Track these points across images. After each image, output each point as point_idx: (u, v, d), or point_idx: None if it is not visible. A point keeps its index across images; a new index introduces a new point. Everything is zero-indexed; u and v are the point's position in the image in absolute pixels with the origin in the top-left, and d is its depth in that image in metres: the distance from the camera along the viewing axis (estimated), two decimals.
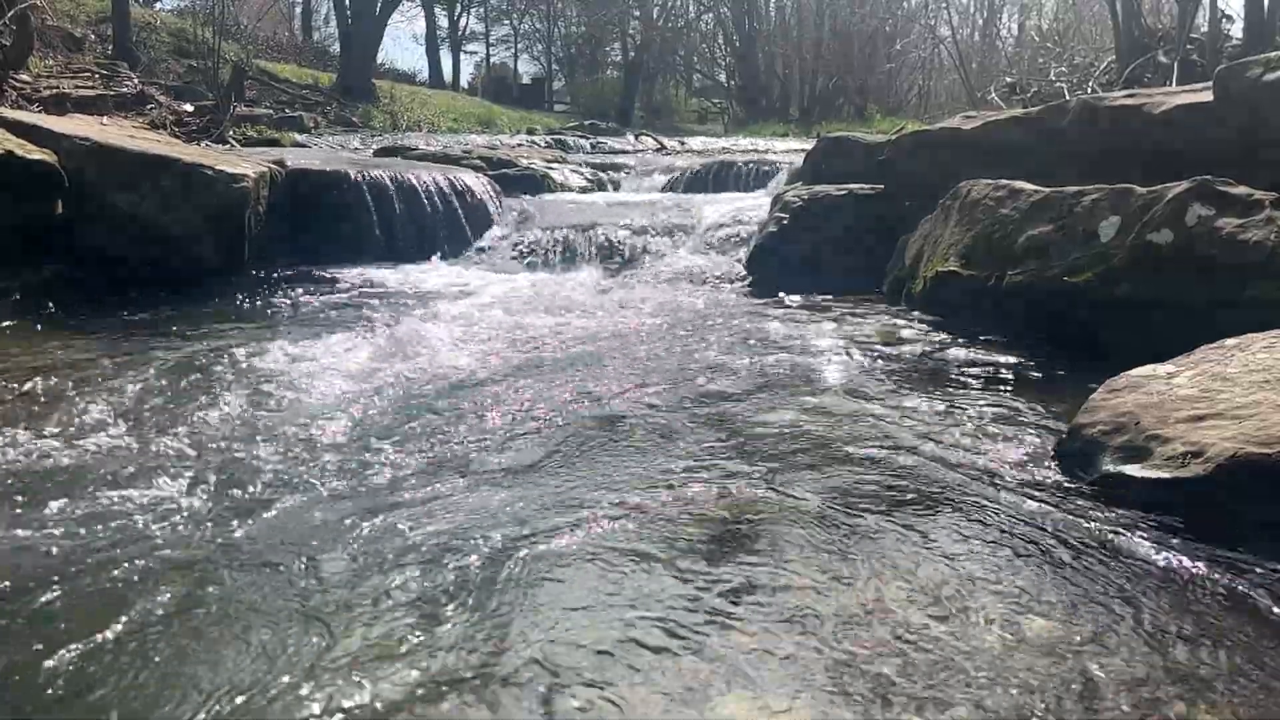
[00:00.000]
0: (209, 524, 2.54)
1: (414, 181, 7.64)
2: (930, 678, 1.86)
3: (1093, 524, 2.56)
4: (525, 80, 36.41)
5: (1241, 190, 4.04)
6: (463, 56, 37.00)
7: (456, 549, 2.38)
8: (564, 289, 6.38)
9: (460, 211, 7.79)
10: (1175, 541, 2.47)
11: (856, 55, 27.39)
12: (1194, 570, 2.32)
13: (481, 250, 7.62)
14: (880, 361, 4.30)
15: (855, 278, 6.06)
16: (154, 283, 5.82)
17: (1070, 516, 2.61)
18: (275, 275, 6.55)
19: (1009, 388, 3.88)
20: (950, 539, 2.47)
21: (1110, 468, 2.83)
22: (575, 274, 7.06)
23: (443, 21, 34.52)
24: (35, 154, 5.90)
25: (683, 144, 17.06)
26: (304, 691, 1.79)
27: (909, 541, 2.46)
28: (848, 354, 4.44)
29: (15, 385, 3.79)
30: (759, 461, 3.01)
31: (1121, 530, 2.53)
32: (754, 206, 7.93)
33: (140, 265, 6.03)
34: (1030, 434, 3.29)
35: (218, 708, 1.75)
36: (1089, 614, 2.11)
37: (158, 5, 21.70)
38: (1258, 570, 2.32)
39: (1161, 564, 2.35)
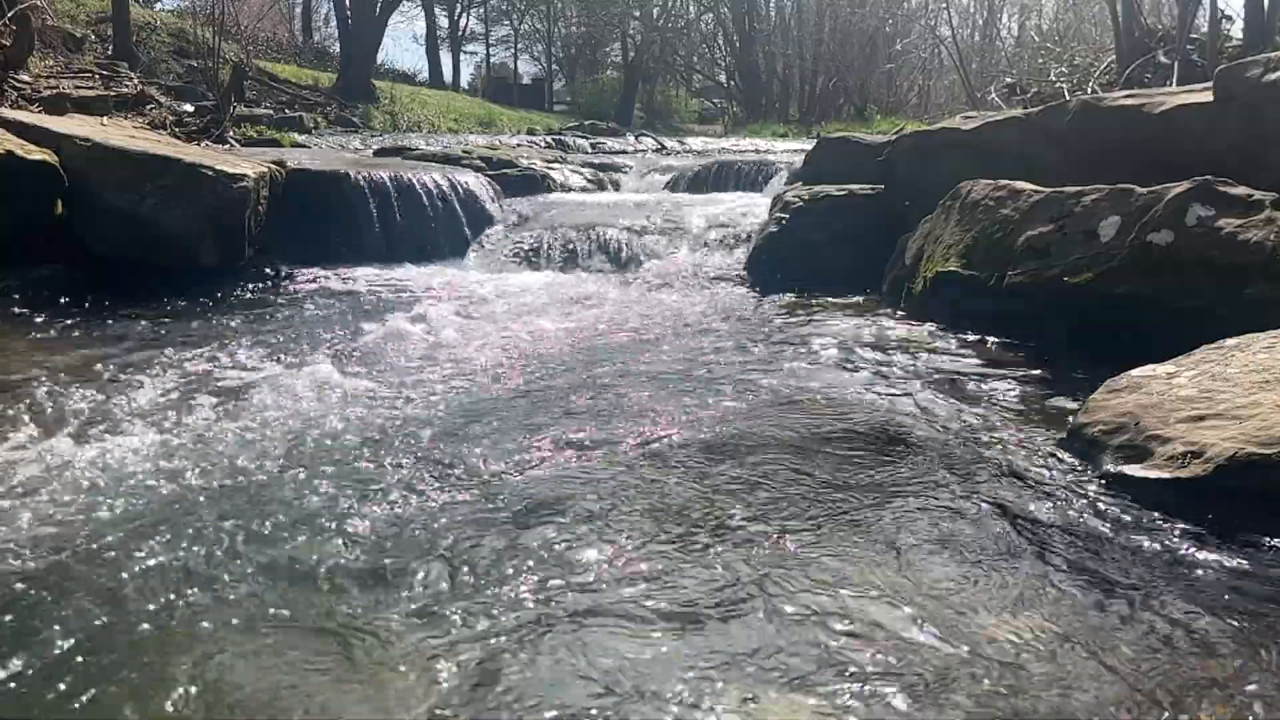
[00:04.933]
0: (209, 518, 2.54)
1: (414, 182, 7.64)
2: (929, 667, 1.86)
3: (1093, 523, 2.56)
4: (525, 81, 36.40)
5: (1241, 190, 4.04)
6: (463, 57, 36.98)
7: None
8: (564, 289, 6.38)
9: (460, 212, 7.78)
10: (1175, 541, 2.46)
11: (856, 55, 27.36)
12: (1194, 569, 2.32)
13: (481, 250, 7.62)
14: (879, 361, 4.30)
15: (855, 277, 6.05)
16: (154, 282, 5.82)
17: (1071, 516, 2.61)
18: (275, 275, 6.54)
19: (1009, 387, 3.88)
20: (951, 538, 2.47)
21: (1111, 467, 2.83)
22: (575, 274, 7.05)
23: (443, 22, 34.49)
24: (35, 154, 5.90)
25: (683, 144, 17.04)
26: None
27: (910, 540, 2.46)
28: (847, 354, 4.44)
29: (15, 383, 3.78)
30: (759, 461, 3.01)
31: (1122, 529, 2.53)
32: (754, 207, 7.93)
33: (140, 265, 6.03)
34: (1030, 434, 3.28)
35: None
36: (1088, 611, 2.11)
37: (158, 5, 21.67)
38: (1258, 569, 2.32)
39: (1162, 563, 2.35)
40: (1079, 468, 2.93)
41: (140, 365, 4.15)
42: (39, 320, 5.05)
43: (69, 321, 5.04)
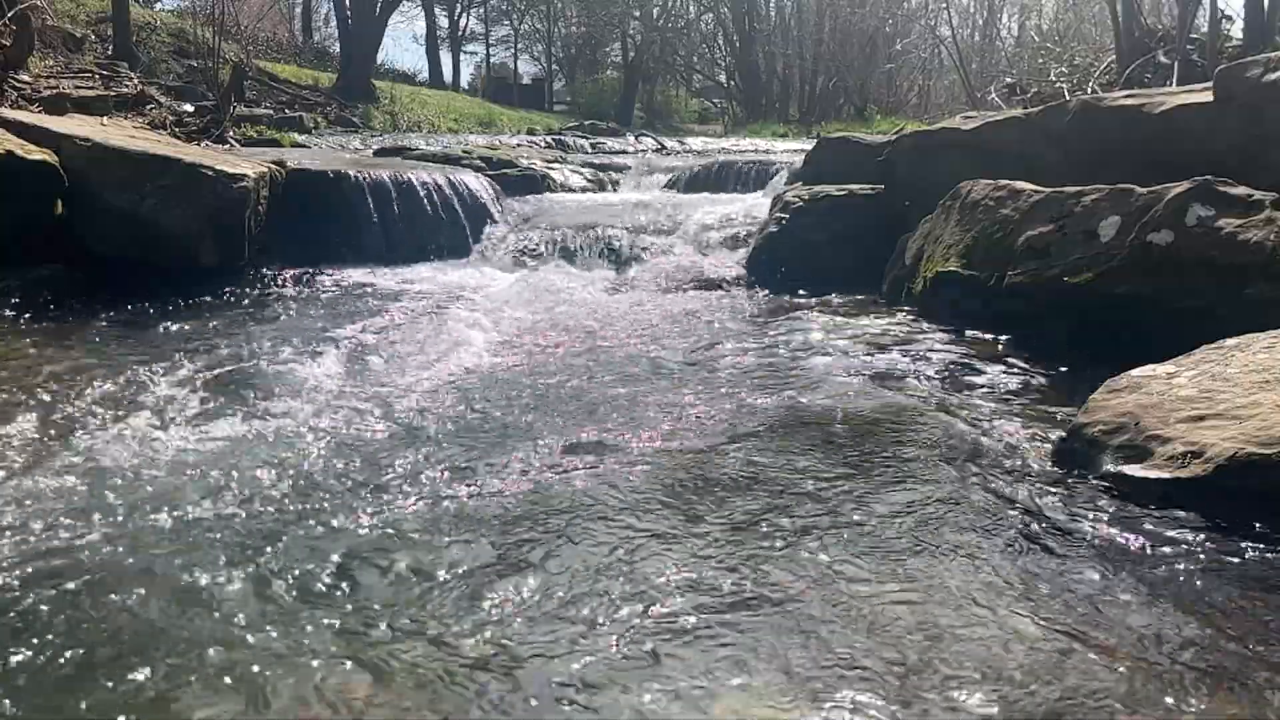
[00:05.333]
0: (210, 521, 2.54)
1: (414, 182, 7.63)
2: (927, 664, 1.86)
3: (1093, 523, 2.56)
4: (525, 81, 36.41)
5: (1241, 190, 4.04)
6: (463, 57, 36.97)
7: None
8: (564, 289, 6.37)
9: (460, 212, 7.78)
10: (1175, 541, 2.46)
11: (856, 55, 27.35)
12: (1194, 569, 2.32)
13: (482, 250, 7.61)
14: (880, 361, 4.30)
15: (855, 277, 6.05)
16: (154, 282, 5.81)
17: (1071, 516, 2.61)
18: (275, 275, 6.54)
19: (1009, 388, 3.88)
20: (950, 537, 2.47)
21: (1111, 467, 2.83)
22: (575, 274, 7.05)
23: (443, 22, 34.48)
24: (35, 154, 5.89)
25: (683, 144, 17.04)
26: None
27: (910, 539, 2.46)
28: (847, 354, 4.44)
29: (15, 383, 3.78)
30: (761, 461, 3.01)
31: (1122, 529, 2.53)
32: (754, 207, 7.92)
33: (140, 265, 6.02)
34: (1030, 434, 3.28)
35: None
36: (1087, 611, 2.11)
37: (158, 5, 21.66)
38: (1258, 569, 2.32)
39: (1162, 563, 2.35)
40: (1079, 468, 2.93)
41: (140, 366, 4.15)
42: (39, 320, 5.05)
43: (69, 322, 5.04)
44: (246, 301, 5.86)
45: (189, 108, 11.60)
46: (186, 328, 5.03)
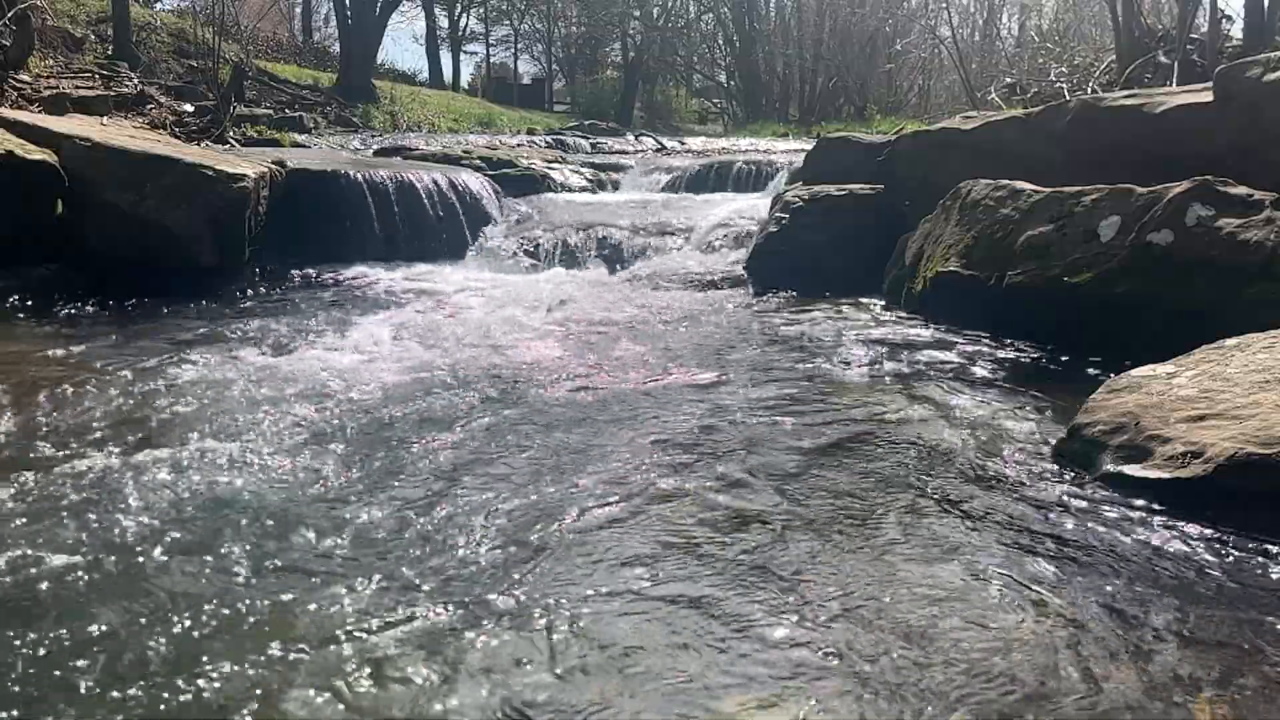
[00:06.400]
0: (208, 522, 2.54)
1: (414, 181, 7.64)
2: (929, 666, 1.86)
3: (1093, 524, 2.56)
4: (525, 80, 36.43)
5: (1241, 190, 4.04)
6: (463, 56, 36.94)
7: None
8: (564, 289, 6.37)
9: (460, 211, 7.78)
10: (1175, 541, 2.47)
11: (856, 55, 27.36)
12: (1194, 569, 2.32)
13: (481, 250, 7.62)
14: (879, 361, 4.30)
15: (855, 277, 6.05)
16: (154, 282, 5.82)
17: (1070, 516, 2.61)
18: (275, 275, 6.55)
19: (1009, 388, 3.88)
20: (951, 538, 2.47)
21: (1110, 467, 2.83)
22: (575, 273, 7.06)
23: (443, 21, 34.46)
24: (35, 154, 5.90)
25: (682, 144, 17.03)
26: None
27: (911, 540, 2.46)
28: (846, 354, 4.44)
29: (14, 384, 3.78)
30: (760, 462, 3.01)
31: (1121, 530, 2.53)
32: (754, 207, 7.92)
33: (140, 265, 6.03)
34: (1030, 434, 3.29)
35: None
36: (1087, 611, 2.11)
37: (158, 5, 21.64)
38: (1258, 569, 2.32)
39: (1161, 563, 2.35)
40: (1079, 468, 2.93)
41: (139, 366, 4.15)
42: (39, 320, 5.05)
43: (69, 322, 5.04)
44: (246, 301, 5.86)
45: (189, 108, 11.61)
46: (186, 328, 5.03)
